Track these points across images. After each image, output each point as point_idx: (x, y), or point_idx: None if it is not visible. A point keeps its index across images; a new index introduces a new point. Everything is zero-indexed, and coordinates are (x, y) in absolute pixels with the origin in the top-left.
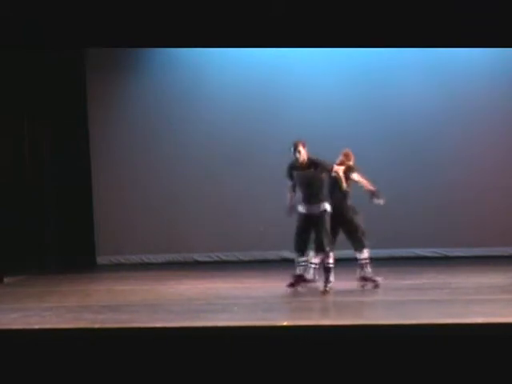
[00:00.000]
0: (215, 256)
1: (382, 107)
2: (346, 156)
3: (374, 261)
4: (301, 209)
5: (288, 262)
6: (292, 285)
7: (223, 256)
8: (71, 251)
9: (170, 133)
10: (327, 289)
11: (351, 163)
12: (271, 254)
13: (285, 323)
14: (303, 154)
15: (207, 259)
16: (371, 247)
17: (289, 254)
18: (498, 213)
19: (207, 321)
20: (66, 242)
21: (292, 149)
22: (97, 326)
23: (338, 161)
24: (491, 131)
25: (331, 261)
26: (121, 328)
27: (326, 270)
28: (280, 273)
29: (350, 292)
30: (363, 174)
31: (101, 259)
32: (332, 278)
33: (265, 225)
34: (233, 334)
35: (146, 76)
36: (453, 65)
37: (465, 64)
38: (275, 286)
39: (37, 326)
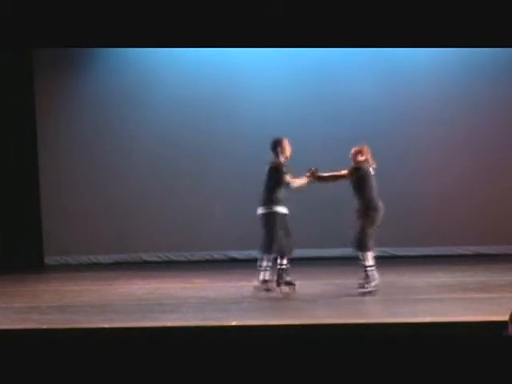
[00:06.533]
0: (164, 256)
1: (333, 107)
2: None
3: (328, 260)
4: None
5: (235, 262)
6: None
7: (172, 256)
8: (18, 251)
9: (120, 132)
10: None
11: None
12: (219, 255)
13: (233, 323)
14: None
15: (156, 259)
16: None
17: (235, 254)
18: (445, 212)
19: (156, 321)
20: (13, 242)
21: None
22: (45, 326)
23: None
24: (439, 131)
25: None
26: (69, 329)
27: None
28: (227, 273)
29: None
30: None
31: (48, 259)
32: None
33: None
34: (182, 335)
35: (95, 75)
36: (401, 64)
37: (413, 63)
38: (223, 285)
39: None
